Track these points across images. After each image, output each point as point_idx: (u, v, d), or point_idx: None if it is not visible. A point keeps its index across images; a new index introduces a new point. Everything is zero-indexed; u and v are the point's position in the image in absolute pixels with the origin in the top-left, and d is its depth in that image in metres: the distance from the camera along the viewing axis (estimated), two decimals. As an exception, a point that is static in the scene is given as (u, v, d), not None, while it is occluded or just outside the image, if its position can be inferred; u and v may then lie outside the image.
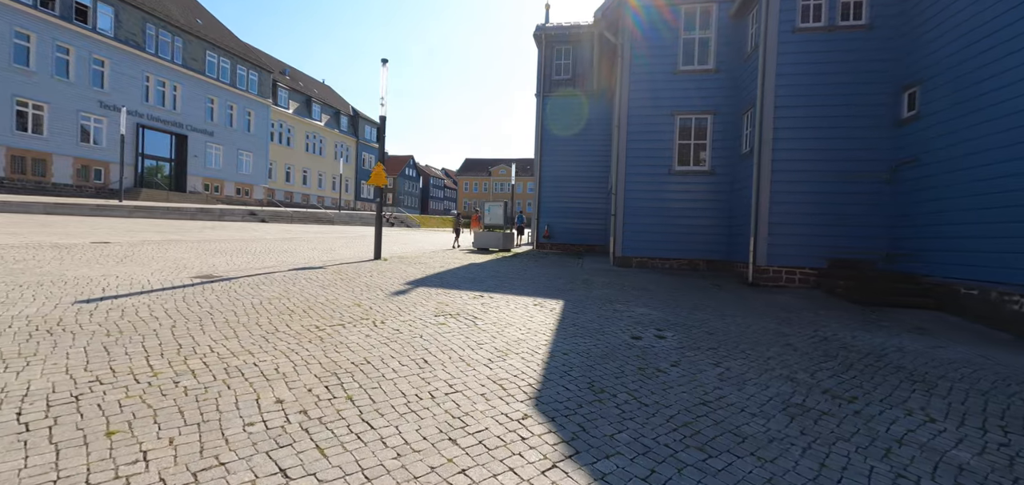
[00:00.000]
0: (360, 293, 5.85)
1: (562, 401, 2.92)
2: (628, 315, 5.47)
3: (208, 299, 4.97)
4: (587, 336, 4.43)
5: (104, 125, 31.57)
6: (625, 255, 10.66)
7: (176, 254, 8.50)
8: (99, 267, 6.45)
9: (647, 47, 10.43)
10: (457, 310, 5.19)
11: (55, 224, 13.40)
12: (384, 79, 10.34)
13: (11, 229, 10.91)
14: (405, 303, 5.41)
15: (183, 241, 11.05)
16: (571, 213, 16.90)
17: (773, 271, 8.41)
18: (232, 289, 5.58)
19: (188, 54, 37.01)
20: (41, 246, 8.10)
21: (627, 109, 10.52)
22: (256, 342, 3.64)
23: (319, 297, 5.45)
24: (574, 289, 7.19)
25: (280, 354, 3.40)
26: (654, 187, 10.49)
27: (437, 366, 3.38)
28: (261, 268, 7.51)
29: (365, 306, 5.12)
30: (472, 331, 4.35)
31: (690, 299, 6.83)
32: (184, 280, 5.97)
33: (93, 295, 4.77)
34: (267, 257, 9.05)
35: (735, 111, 10.01)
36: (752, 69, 9.21)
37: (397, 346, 3.77)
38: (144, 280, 5.76)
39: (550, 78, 16.96)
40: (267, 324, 4.16)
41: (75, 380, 2.73)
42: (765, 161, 8.37)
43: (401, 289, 6.32)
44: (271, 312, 4.59)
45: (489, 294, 6.29)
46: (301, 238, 15.18)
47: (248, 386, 2.82)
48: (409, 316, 4.79)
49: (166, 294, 5.06)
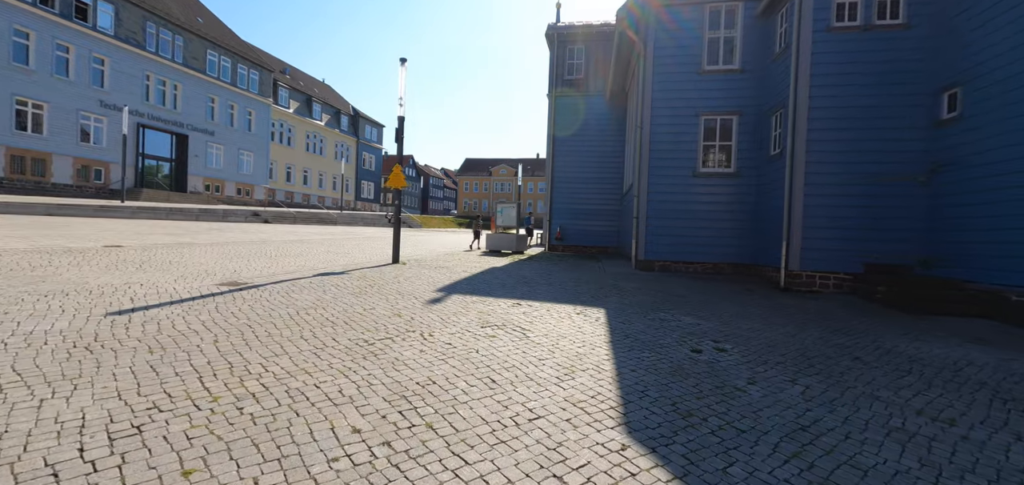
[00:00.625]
0: (396, 302, 5.63)
1: (653, 427, 2.71)
2: (676, 325, 5.27)
3: (242, 309, 4.74)
4: (646, 350, 4.22)
5: (104, 125, 31.25)
6: (648, 258, 10.46)
7: (192, 259, 8.26)
8: (119, 274, 6.21)
9: (671, 47, 10.23)
10: (501, 320, 4.98)
11: (60, 226, 13.11)
12: (403, 79, 10.11)
13: (17, 231, 10.63)
14: (445, 313, 5.20)
15: (195, 244, 10.80)
16: (583, 214, 16.71)
17: (806, 276, 8.22)
18: (263, 298, 5.35)
19: (189, 53, 36.70)
20: (53, 251, 7.84)
21: (650, 110, 10.32)
22: (308, 359, 3.42)
23: (355, 307, 5.23)
24: (608, 296, 6.98)
25: (338, 373, 3.18)
26: (678, 189, 10.29)
27: (507, 386, 3.17)
28: (283, 273, 7.28)
29: (406, 316, 4.90)
30: (527, 345, 4.14)
31: (729, 307, 6.63)
32: (210, 288, 5.73)
33: (123, 306, 4.53)
34: (284, 261, 8.82)
35: (761, 112, 9.82)
36: (782, 69, 9.02)
37: (456, 363, 3.56)
38: (170, 288, 5.53)
39: (562, 77, 16.75)
40: (313, 338, 3.94)
41: (131, 407, 2.50)
42: (798, 163, 8.19)
43: (435, 297, 6.10)
44: (312, 324, 4.37)
45: (527, 302, 6.07)
46: (310, 240, 14.93)
47: (317, 412, 2.60)
48: (455, 327, 4.57)
49: (197, 304, 4.83)
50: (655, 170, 10.35)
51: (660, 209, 10.34)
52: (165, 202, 30.23)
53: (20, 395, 2.55)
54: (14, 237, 9.51)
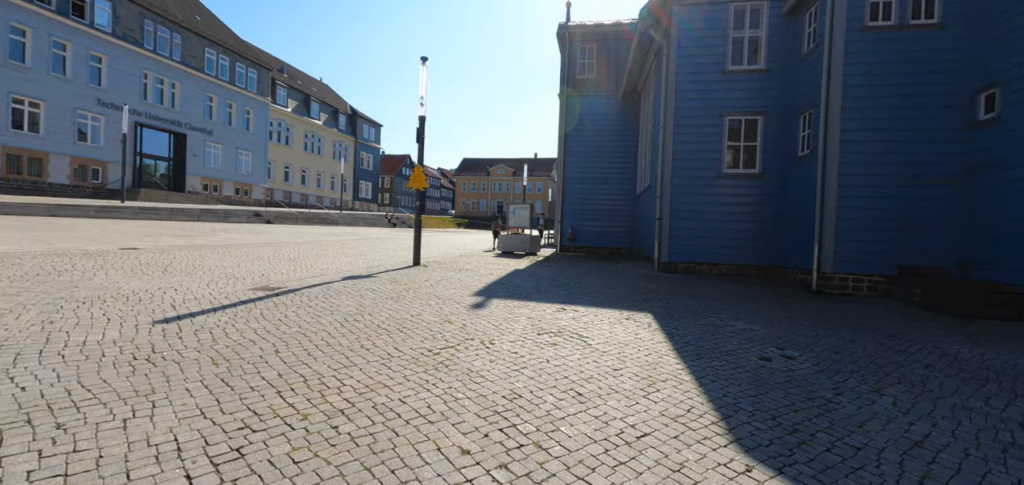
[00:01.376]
0: (439, 307, 5.47)
1: (765, 444, 2.58)
2: (730, 330, 5.14)
3: (288, 316, 4.57)
4: (714, 358, 4.10)
5: (102, 123, 30.81)
6: (671, 260, 10.35)
7: (213, 261, 8.05)
8: (148, 278, 6.01)
9: (695, 47, 10.12)
10: (555, 327, 4.84)
11: (65, 227, 12.83)
12: (424, 78, 9.94)
13: (27, 233, 10.37)
14: (494, 319, 5.05)
15: (208, 246, 10.58)
16: (595, 215, 16.59)
17: (839, 279, 8.14)
18: (304, 304, 5.18)
19: (187, 51, 36.27)
20: (71, 254, 7.62)
21: (674, 110, 10.21)
22: (380, 371, 3.26)
23: (400, 312, 5.07)
24: (647, 299, 6.85)
25: (417, 386, 3.03)
26: (702, 191, 10.19)
27: (595, 399, 3.02)
28: (310, 277, 7.10)
29: (457, 323, 4.75)
30: (593, 354, 4.00)
31: (771, 311, 6.52)
32: (246, 293, 5.55)
33: (167, 313, 4.35)
34: (306, 264, 8.63)
35: (787, 112, 9.73)
36: (811, 69, 8.94)
37: (532, 373, 3.41)
38: (205, 294, 5.34)
39: (574, 77, 16.63)
40: (373, 347, 3.78)
41: (221, 427, 2.34)
42: (831, 164, 8.10)
43: (475, 302, 5.95)
44: (366, 331, 4.20)
45: (572, 307, 5.93)
46: (321, 241, 14.72)
47: (415, 431, 2.45)
48: (512, 335, 4.42)
49: (240, 311, 4.66)
50: (679, 171, 10.24)
51: (684, 211, 10.23)
52: (164, 202, 29.83)
53: (99, 414, 2.37)
54: (27, 239, 9.26)
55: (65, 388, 2.65)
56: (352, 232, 23.59)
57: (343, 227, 30.24)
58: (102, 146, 30.70)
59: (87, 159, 29.86)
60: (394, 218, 43.52)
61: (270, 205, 42.49)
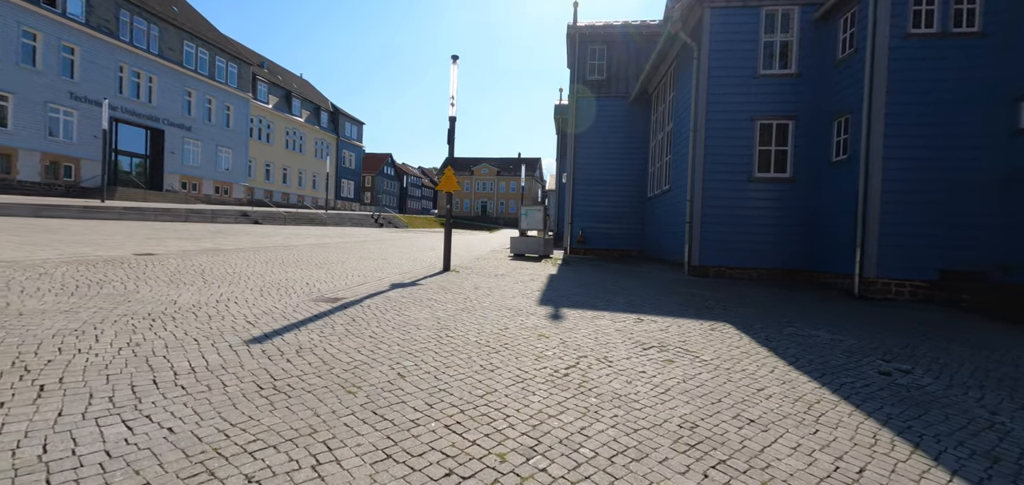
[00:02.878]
0: (518, 319, 5.22)
1: (986, 479, 2.43)
2: (818, 341, 5.03)
3: (376, 332, 4.26)
4: (835, 374, 3.96)
5: (74, 118, 29.37)
6: (702, 264, 10.30)
7: (244, 268, 7.60)
8: (195, 290, 5.57)
9: (726, 50, 10.09)
10: (652, 340, 4.63)
11: (57, 230, 12.03)
12: (454, 77, 9.63)
13: (22, 237, 9.65)
14: (583, 332, 4.82)
15: (221, 250, 10.04)
16: (605, 218, 16.50)
17: (882, 283, 8.19)
18: (377, 317, 4.86)
19: (164, 43, 34.88)
20: (90, 261, 7.07)
21: (705, 113, 10.15)
22: (527, 397, 3.00)
23: (484, 326, 4.79)
24: (708, 307, 6.72)
25: (580, 415, 2.78)
26: (733, 194, 10.16)
27: (772, 427, 2.83)
28: (357, 285, 6.75)
29: (555, 339, 4.50)
30: (718, 373, 3.80)
31: (832, 318, 6.46)
32: (309, 304, 5.19)
33: (250, 331, 3.98)
34: (339, 270, 8.24)
35: (819, 117, 9.77)
36: (847, 74, 8.99)
37: (684, 398, 3.20)
38: (269, 307, 4.96)
39: (584, 78, 16.49)
40: (493, 367, 3.50)
41: (427, 475, 2.05)
42: (874, 169, 8.14)
43: (548, 312, 5.71)
44: (469, 349, 3.93)
45: (648, 317, 5.74)
46: (327, 244, 14.21)
47: (641, 479, 2.21)
48: (619, 351, 4.20)
49: (322, 327, 4.32)
50: (710, 175, 10.19)
51: (715, 214, 10.19)
52: (142, 201, 28.52)
53: (281, 461, 2.06)
54: (29, 243, 8.59)
55: (217, 428, 2.31)
56: (344, 233, 22.99)
57: (332, 228, 29.46)
58: (75, 142, 29.24)
59: (59, 156, 28.38)
60: (381, 218, 42.76)
61: (252, 204, 41.20)
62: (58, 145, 28.28)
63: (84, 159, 29.65)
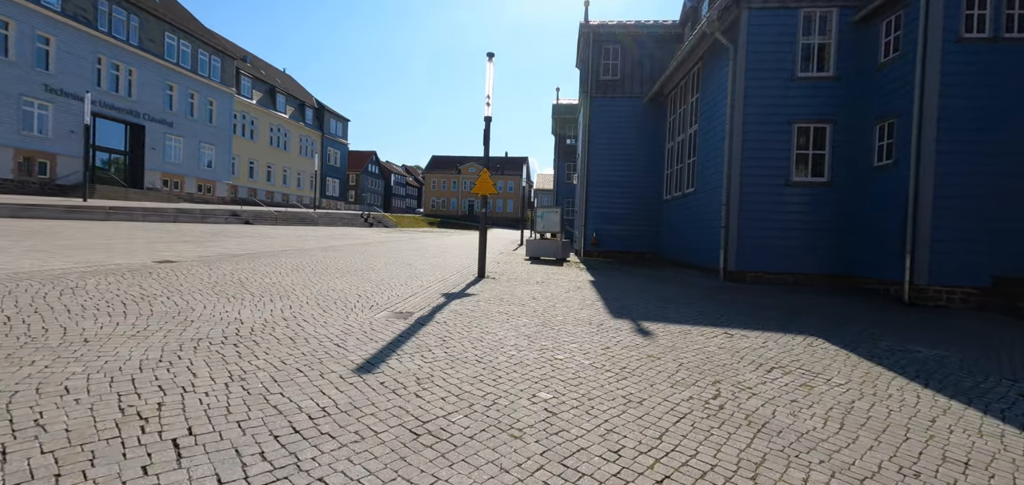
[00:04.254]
0: (608, 335, 4.88)
1: None
2: (923, 358, 4.81)
3: (477, 354, 3.88)
4: (981, 397, 3.73)
5: (50, 112, 27.91)
6: (739, 269, 10.12)
7: (279, 278, 7.09)
8: (251, 307, 5.09)
9: (764, 53, 9.92)
10: (759, 358, 4.35)
11: (50, 233, 11.23)
12: (490, 76, 9.23)
13: (14, 242, 8.92)
14: (690, 352, 4.51)
15: (241, 255, 9.47)
16: (619, 220, 16.29)
17: (933, 290, 8.11)
18: (463, 335, 4.47)
19: (145, 34, 33.47)
20: (115, 271, 6.48)
21: (742, 116, 9.97)
22: (717, 439, 2.67)
23: (586, 348, 4.44)
24: (775, 317, 6.48)
25: (803, 467, 2.46)
26: (770, 199, 10.01)
27: (983, 470, 2.56)
28: (410, 295, 6.33)
29: (668, 360, 4.18)
30: (872, 402, 3.53)
31: (903, 329, 6.29)
32: (387, 320, 4.76)
33: (350, 360, 3.56)
34: (373, 277, 7.79)
35: (859, 120, 9.67)
36: (891, 78, 8.89)
37: (870, 436, 2.90)
38: (344, 325, 4.52)
39: (598, 78, 16.23)
40: (643, 396, 3.16)
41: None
42: (925, 175, 8.05)
43: (633, 328, 5.38)
44: (591, 373, 3.58)
45: (738, 331, 5.45)
46: (337, 247, 13.65)
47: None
48: (748, 376, 3.90)
49: (413, 349, 3.93)
50: (747, 178, 10.02)
51: (753, 219, 10.02)
52: (124, 200, 27.22)
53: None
54: (35, 251, 7.89)
55: (417, 500, 1.91)
56: (342, 235, 22.33)
57: (324, 228, 28.65)
58: (50, 137, 27.78)
59: (33, 151, 26.91)
60: (371, 218, 41.95)
61: (236, 203, 39.92)
62: (32, 140, 26.80)
63: (60, 155, 28.19)
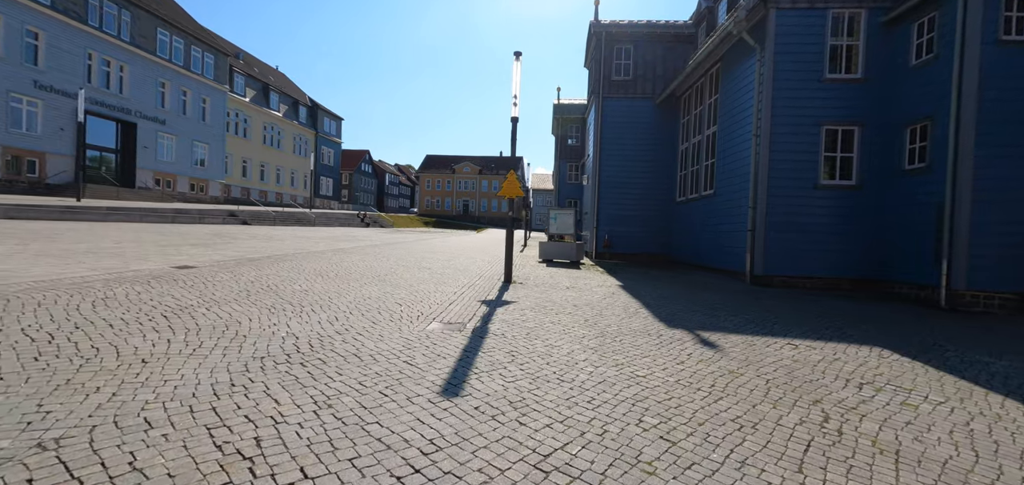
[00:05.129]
0: (682, 348, 4.67)
1: None
2: (999, 370, 4.68)
3: (561, 374, 3.66)
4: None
5: (39, 108, 27.18)
6: (766, 273, 9.98)
7: (307, 283, 6.81)
8: (297, 318, 4.81)
9: (793, 54, 9.79)
10: (838, 372, 4.17)
11: (46, 234, 10.79)
12: (517, 75, 9.00)
13: (24, 247, 8.52)
14: (774, 366, 4.31)
15: (257, 259, 9.15)
16: (631, 221, 16.15)
17: (971, 295, 8.02)
18: (528, 350, 4.24)
19: (137, 30, 32.77)
20: (138, 279, 6.15)
21: (770, 118, 9.83)
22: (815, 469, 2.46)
23: (667, 367, 4.23)
24: (825, 325, 6.32)
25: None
26: (799, 202, 9.89)
27: None
28: (448, 305, 6.07)
29: (747, 374, 3.98)
30: (993, 425, 3.36)
31: (950, 336, 6.16)
32: (444, 335, 4.52)
33: (428, 380, 3.31)
34: (403, 284, 7.51)
35: (888, 123, 9.57)
36: (924, 80, 8.80)
37: (998, 464, 2.72)
38: (403, 337, 4.27)
39: (609, 78, 16.06)
40: (751, 422, 2.95)
41: None
42: (963, 179, 7.95)
43: (697, 339, 5.18)
44: (692, 398, 3.37)
45: (803, 342, 5.27)
46: (347, 250, 13.33)
47: None
48: (849, 396, 3.71)
49: (490, 367, 3.70)
50: (775, 181, 9.89)
51: (780, 222, 9.89)
52: (116, 200, 26.55)
53: None
54: (44, 255, 7.51)
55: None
56: (346, 236, 21.95)
57: (323, 228, 28.21)
58: (39, 135, 27.02)
59: (22, 150, 26.16)
60: (367, 218, 41.52)
61: (230, 202, 39.27)
62: (20, 138, 26.04)
63: (49, 154, 27.44)
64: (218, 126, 40.12)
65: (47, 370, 2.87)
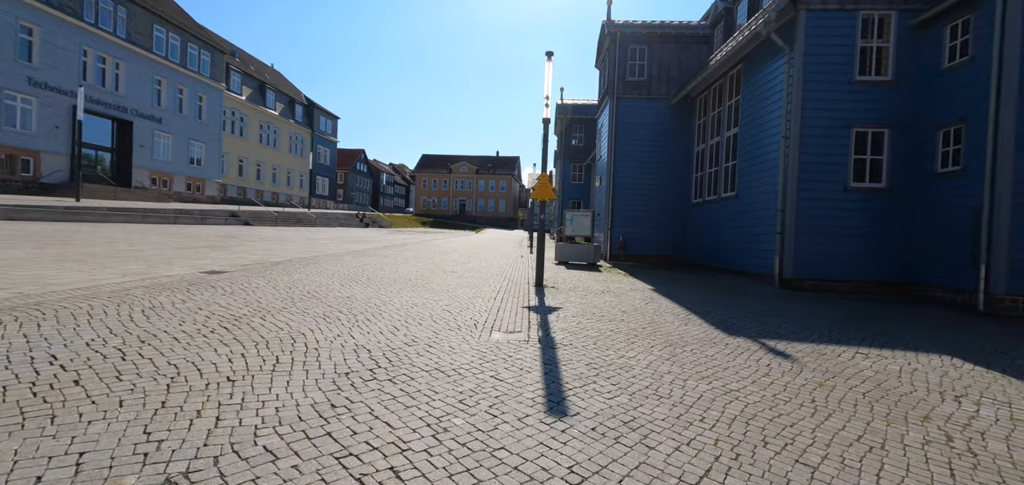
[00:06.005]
0: (748, 359, 4.53)
1: None
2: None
3: (637, 384, 3.49)
4: None
5: (33, 106, 26.61)
6: (796, 276, 9.90)
7: (345, 289, 6.61)
8: (359, 327, 4.62)
9: (822, 56, 9.72)
10: (927, 384, 4.05)
11: (50, 236, 10.47)
12: (549, 75, 8.84)
13: (38, 251, 8.23)
14: (860, 379, 4.19)
15: (276, 262, 8.91)
16: (644, 223, 16.06)
17: (1010, 300, 7.97)
18: (603, 359, 4.07)
19: (133, 27, 32.21)
20: (171, 285, 5.92)
21: (800, 121, 9.76)
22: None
23: (742, 372, 4.09)
24: (873, 328, 6.22)
25: None
26: (828, 204, 9.82)
27: None
28: (493, 313, 5.88)
29: (836, 387, 3.85)
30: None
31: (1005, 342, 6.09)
32: (514, 347, 4.34)
33: (527, 399, 3.14)
34: (438, 289, 7.32)
35: (919, 125, 9.53)
36: (957, 83, 8.77)
37: None
38: (476, 348, 4.09)
39: (624, 79, 15.94)
40: (884, 446, 2.81)
41: None
42: (1003, 183, 7.91)
43: (766, 349, 5.05)
44: (778, 406, 3.23)
45: (872, 351, 5.15)
46: (364, 252, 13.11)
47: None
48: (943, 408, 3.59)
49: (575, 379, 3.52)
50: (804, 184, 9.81)
51: (810, 225, 9.81)
52: (114, 200, 26.05)
53: None
54: (63, 260, 7.23)
55: None
56: (350, 237, 21.71)
57: (323, 229, 27.89)
58: (34, 133, 26.44)
59: (16, 148, 25.57)
60: (366, 218, 41.19)
61: (226, 202, 38.75)
62: (14, 136, 25.44)
63: (44, 152, 26.86)
64: (214, 125, 39.56)
65: (136, 391, 2.66)
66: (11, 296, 4.51)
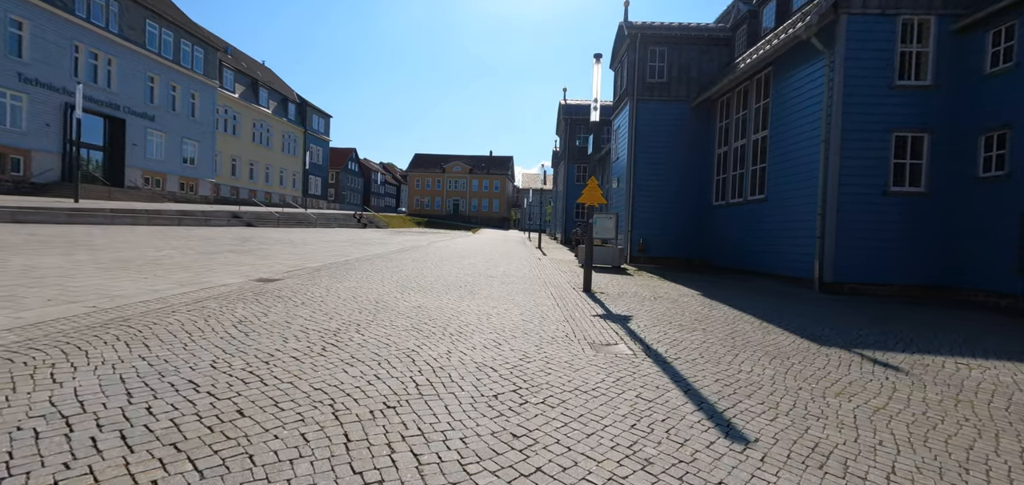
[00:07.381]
0: (855, 374, 4.43)
1: None
2: None
3: (786, 405, 3.36)
4: None
5: (24, 103, 25.75)
6: (837, 280, 9.90)
7: (385, 294, 6.38)
8: (463, 344, 4.42)
9: (863, 60, 9.72)
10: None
11: (72, 240, 10.07)
12: (597, 77, 8.71)
13: (68, 259, 7.86)
14: (978, 392, 4.10)
15: (309, 268, 8.64)
16: (664, 225, 16.02)
17: (1057, 304, 8.05)
18: (724, 375, 3.93)
19: (125, 22, 31.35)
20: (233, 296, 5.65)
21: (840, 124, 9.75)
22: None
23: (855, 387, 3.98)
24: (941, 338, 6.19)
25: None
26: (868, 208, 9.84)
27: None
28: (569, 322, 5.72)
29: (963, 403, 3.76)
30: None
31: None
32: (606, 355, 4.18)
33: (693, 423, 2.97)
34: (482, 294, 7.12)
35: (960, 130, 9.58)
36: (1000, 88, 8.82)
37: None
38: (596, 363, 3.92)
39: (644, 80, 15.86)
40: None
41: None
42: (1051, 188, 7.97)
43: (864, 359, 4.95)
44: (926, 420, 3.12)
45: (970, 361, 5.08)
46: (383, 255, 12.85)
47: None
48: None
49: (720, 400, 3.37)
50: (845, 188, 9.81)
51: (850, 228, 9.82)
52: (109, 200, 25.29)
53: None
54: (107, 269, 6.89)
55: None
56: (348, 237, 21.37)
57: (324, 230, 27.45)
58: (24, 131, 25.55)
59: (5, 147, 24.70)
60: (363, 218, 40.69)
61: (220, 202, 37.97)
62: (4, 134, 24.57)
63: (35, 151, 25.97)
64: (208, 123, 38.72)
65: (308, 423, 2.43)
66: (89, 311, 4.21)
